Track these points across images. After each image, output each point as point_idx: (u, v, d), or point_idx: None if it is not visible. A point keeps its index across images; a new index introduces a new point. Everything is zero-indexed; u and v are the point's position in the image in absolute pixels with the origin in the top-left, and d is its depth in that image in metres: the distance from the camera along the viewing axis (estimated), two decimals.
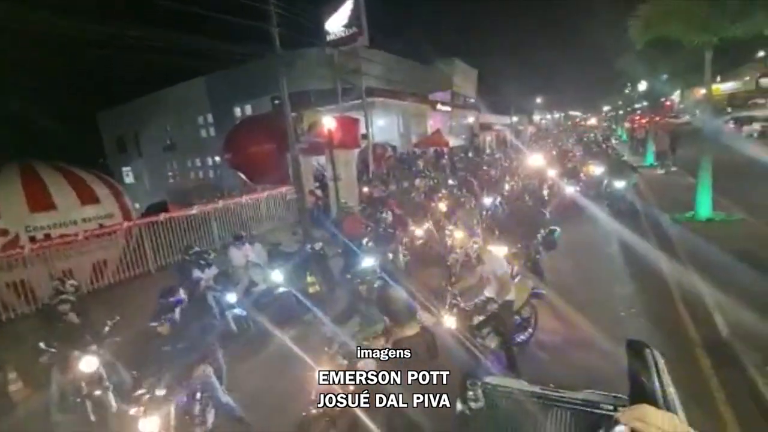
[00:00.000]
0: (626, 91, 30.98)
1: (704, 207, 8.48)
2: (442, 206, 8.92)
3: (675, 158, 15.50)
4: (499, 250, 4.74)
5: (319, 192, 12.64)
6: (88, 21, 7.14)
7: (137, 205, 13.86)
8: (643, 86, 21.68)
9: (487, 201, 9.50)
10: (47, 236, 7.90)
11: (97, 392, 3.85)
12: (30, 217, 7.96)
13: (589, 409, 1.87)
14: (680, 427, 0.84)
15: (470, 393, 1.93)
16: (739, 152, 13.22)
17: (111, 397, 3.91)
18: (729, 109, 29.26)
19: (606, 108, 60.27)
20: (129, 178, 33.01)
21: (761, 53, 29.48)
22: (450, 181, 13.07)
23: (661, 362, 1.63)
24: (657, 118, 20.54)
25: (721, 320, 4.59)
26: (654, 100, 22.39)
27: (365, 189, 12.80)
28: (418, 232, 8.06)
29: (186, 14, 7.93)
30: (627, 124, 34.91)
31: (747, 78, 34.42)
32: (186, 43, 8.56)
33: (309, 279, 5.81)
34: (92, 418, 3.86)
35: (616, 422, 0.86)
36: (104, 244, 8.34)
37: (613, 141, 25.73)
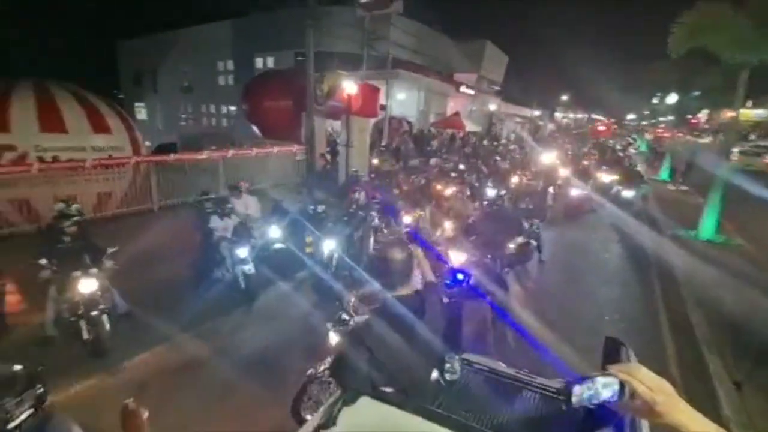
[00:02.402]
0: (654, 101, 30.16)
1: (708, 228, 8.47)
2: (447, 191, 8.83)
3: (689, 177, 15.32)
4: (458, 257, 4.47)
5: (328, 156, 12.59)
6: None
7: (147, 143, 13.86)
8: (672, 99, 21.11)
9: (491, 192, 9.42)
10: (55, 159, 7.96)
11: (94, 313, 3.99)
12: (40, 136, 7.99)
13: (558, 396, 1.95)
14: (668, 390, 0.81)
15: (447, 365, 2.01)
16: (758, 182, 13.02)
17: (105, 318, 4.06)
18: (752, 136, 28.57)
19: (630, 116, 58.86)
20: (141, 115, 32.79)
21: None
22: (461, 166, 12.98)
23: (635, 360, 1.69)
24: (680, 134, 20.13)
25: (701, 335, 4.74)
26: (681, 115, 21.84)
27: (375, 160, 12.73)
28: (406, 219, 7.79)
29: None
30: (649, 136, 34.23)
31: None
32: None
33: (308, 239, 5.88)
34: (86, 336, 4.02)
35: (607, 374, 0.85)
36: (111, 175, 8.41)
37: (632, 150, 25.29)
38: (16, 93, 8.14)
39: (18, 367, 1.76)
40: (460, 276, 3.18)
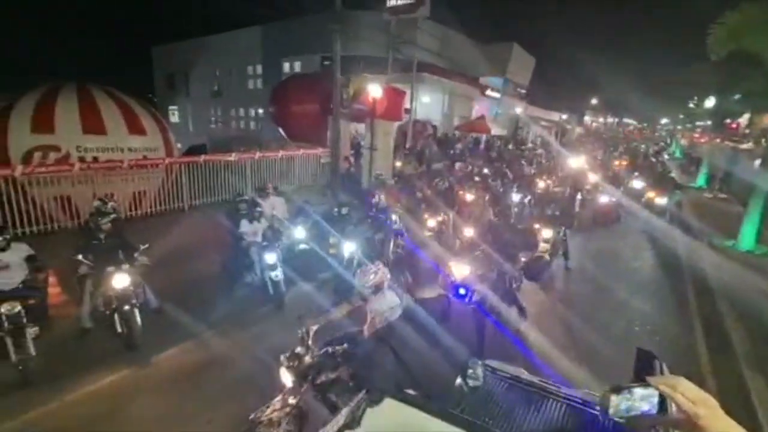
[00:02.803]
0: (690, 105, 28.91)
1: (748, 238, 8.04)
2: (469, 196, 8.72)
3: (728, 184, 14.60)
4: (461, 270, 4.06)
5: (352, 159, 12.70)
6: None
7: (179, 145, 14.36)
8: (710, 103, 20.18)
9: (516, 197, 9.24)
10: (95, 159, 8.36)
11: (126, 307, 4.17)
12: (82, 137, 8.41)
13: (583, 407, 1.90)
14: (712, 404, 0.78)
15: (470, 371, 1.99)
16: None
17: (137, 313, 4.23)
18: None
19: (664, 120, 56.63)
20: (174, 117, 34.04)
21: None
22: (485, 170, 12.83)
23: (667, 373, 1.63)
24: (718, 140, 19.21)
25: (740, 350, 4.48)
26: (719, 119, 20.84)
27: (398, 163, 12.75)
28: (430, 222, 7.56)
29: None
30: (684, 141, 32.83)
31: None
32: None
33: (332, 240, 5.95)
34: (119, 329, 4.21)
35: (646, 385, 0.82)
36: (146, 175, 8.75)
37: (665, 156, 24.33)
38: (62, 96, 8.60)
39: None
40: (462, 291, 3.15)
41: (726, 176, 14.77)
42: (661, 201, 10.09)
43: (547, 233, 6.42)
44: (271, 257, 5.13)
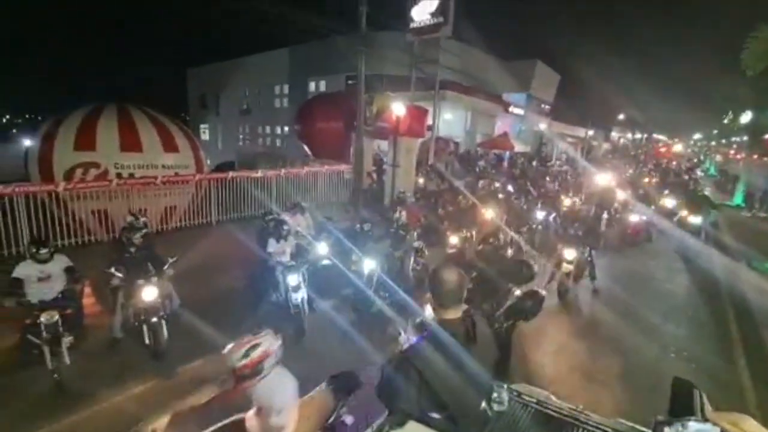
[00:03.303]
0: (725, 120, 27.87)
1: None
2: (490, 213, 8.58)
3: None
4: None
5: (374, 175, 12.83)
6: None
7: (208, 161, 14.92)
8: (746, 118, 19.38)
9: (540, 215, 9.03)
10: (131, 175, 8.79)
11: (154, 319, 4.30)
12: (120, 155, 8.89)
13: None
14: None
15: (495, 395, 1.94)
16: None
17: (164, 325, 4.35)
18: None
19: (697, 136, 54.70)
20: (204, 135, 35.45)
21: None
22: (509, 187, 12.68)
23: (708, 407, 1.54)
24: (755, 156, 18.37)
25: None
26: (756, 135, 19.97)
27: (420, 180, 12.78)
28: (453, 239, 7.46)
29: None
30: (719, 157, 31.55)
31: None
32: (278, 12, 8.97)
33: (353, 257, 5.98)
34: (147, 341, 4.34)
35: (703, 420, 0.78)
36: (177, 190, 9.12)
37: (699, 173, 23.39)
38: (103, 116, 9.16)
39: None
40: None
41: (766, 195, 14.05)
42: (695, 220, 9.66)
43: (569, 254, 6.22)
44: (294, 279, 5.03)
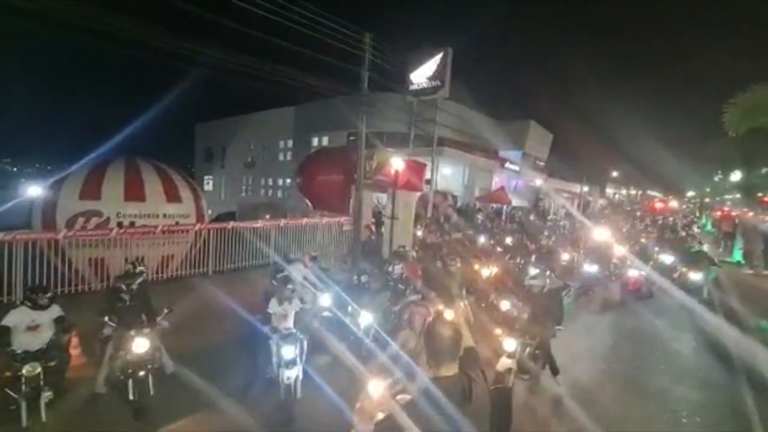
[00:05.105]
0: (716, 178, 28.65)
1: None
2: (485, 271, 8.48)
3: None
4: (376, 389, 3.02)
5: (373, 227, 12.92)
6: (197, 43, 8.29)
7: (209, 211, 15.10)
8: (736, 177, 19.94)
9: (532, 271, 8.72)
10: (132, 224, 8.87)
11: (141, 373, 4.11)
12: (123, 204, 9.04)
13: None
14: None
15: None
16: None
17: (150, 380, 4.16)
18: None
19: (690, 193, 55.75)
20: (208, 186, 36.25)
21: None
22: (508, 240, 12.73)
23: None
24: (750, 214, 18.64)
25: None
26: (749, 192, 20.42)
27: (419, 233, 12.87)
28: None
29: (290, 51, 9.02)
30: (716, 214, 31.95)
31: None
32: (285, 74, 9.59)
33: (350, 309, 5.87)
34: (131, 396, 4.11)
35: None
36: (176, 240, 9.14)
37: (696, 229, 23.54)
38: (111, 167, 9.45)
39: None
40: None
41: (764, 252, 14.03)
42: (696, 277, 9.57)
43: (509, 344, 4.73)
44: (289, 351, 4.30)
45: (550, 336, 5.08)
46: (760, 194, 23.15)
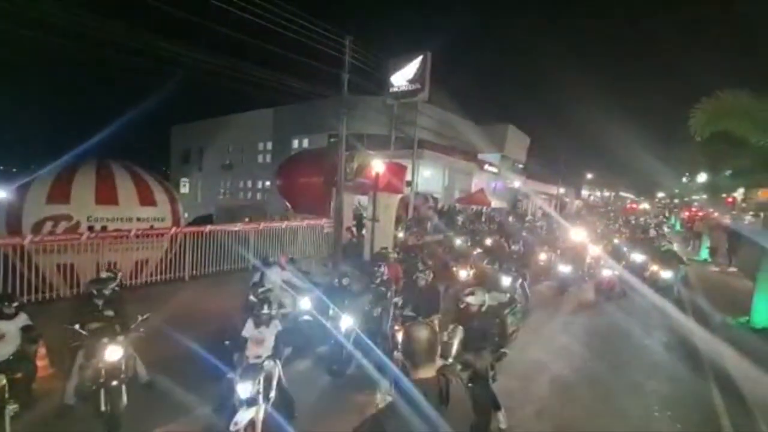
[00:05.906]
0: (684, 180, 29.87)
1: (761, 314, 7.78)
2: (462, 273, 8.62)
3: (735, 258, 14.48)
4: None
5: (354, 230, 12.90)
6: (174, 44, 8.13)
7: (186, 215, 14.74)
8: (702, 178, 20.86)
9: (468, 288, 8.41)
10: (104, 228, 8.57)
11: (114, 383, 3.92)
12: (95, 207, 8.72)
13: None
14: None
15: None
16: None
17: (123, 390, 3.99)
18: None
19: (660, 194, 57.97)
20: (185, 189, 35.36)
21: None
22: (488, 241, 12.91)
23: None
24: (715, 214, 19.51)
25: None
26: (714, 194, 21.36)
27: (400, 234, 12.93)
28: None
29: (270, 53, 8.93)
30: (685, 214, 33.28)
31: None
32: (265, 76, 9.50)
33: (331, 312, 5.83)
34: (103, 407, 3.92)
35: None
36: (150, 244, 8.89)
37: (666, 229, 24.49)
38: (81, 170, 9.11)
39: None
40: None
41: (732, 249, 14.70)
42: (666, 275, 9.94)
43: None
44: (245, 389, 3.49)
45: (486, 365, 4.14)
46: (724, 195, 24.29)
